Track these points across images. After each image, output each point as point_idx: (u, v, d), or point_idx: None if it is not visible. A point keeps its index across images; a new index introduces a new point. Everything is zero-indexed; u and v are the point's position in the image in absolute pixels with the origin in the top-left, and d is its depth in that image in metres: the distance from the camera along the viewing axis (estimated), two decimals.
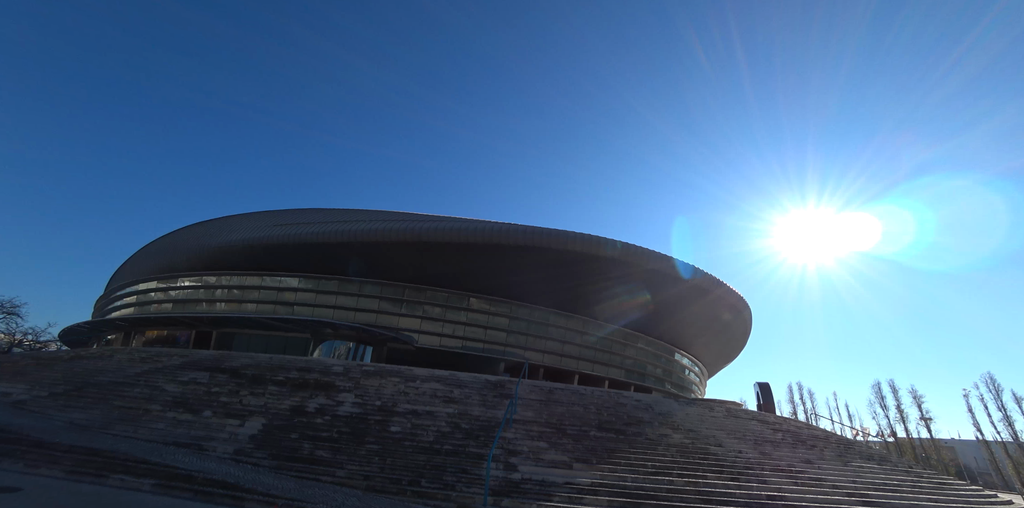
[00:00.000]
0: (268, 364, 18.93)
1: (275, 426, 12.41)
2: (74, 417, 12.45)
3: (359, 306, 32.51)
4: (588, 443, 12.98)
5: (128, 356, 20.39)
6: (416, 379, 17.67)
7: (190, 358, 19.95)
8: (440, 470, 10.32)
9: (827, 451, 15.85)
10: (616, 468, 11.40)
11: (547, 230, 28.17)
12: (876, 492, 12.12)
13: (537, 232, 28.01)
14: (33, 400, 13.99)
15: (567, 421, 14.73)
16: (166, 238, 39.87)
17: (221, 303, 34.53)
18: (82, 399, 14.13)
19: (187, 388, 15.42)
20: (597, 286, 33.24)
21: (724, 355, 48.86)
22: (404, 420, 13.38)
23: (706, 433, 15.60)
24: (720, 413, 19.56)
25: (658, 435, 14.56)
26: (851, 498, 11.30)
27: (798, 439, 17.17)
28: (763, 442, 15.69)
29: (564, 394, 18.15)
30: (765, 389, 35.41)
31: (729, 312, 37.44)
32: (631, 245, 29.23)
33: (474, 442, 12.13)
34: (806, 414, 60.45)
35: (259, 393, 15.15)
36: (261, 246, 31.62)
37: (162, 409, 13.42)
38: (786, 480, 11.97)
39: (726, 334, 42.71)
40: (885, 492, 12.28)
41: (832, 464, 14.24)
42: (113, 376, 16.86)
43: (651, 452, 12.92)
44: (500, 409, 15.12)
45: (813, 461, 14.19)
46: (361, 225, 28.85)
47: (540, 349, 34.49)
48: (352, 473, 9.86)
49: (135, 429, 11.84)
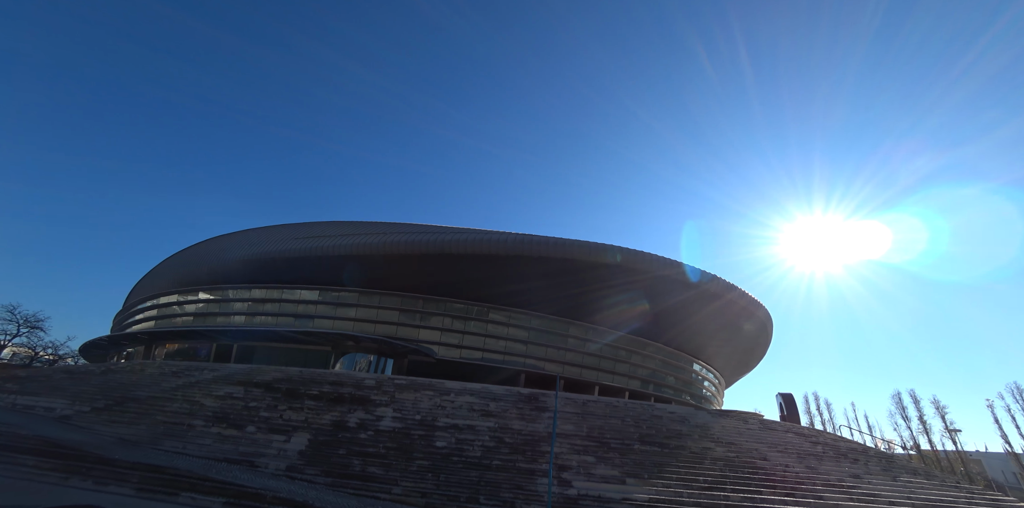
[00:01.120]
0: (300, 378, 18.94)
1: (320, 441, 12.38)
2: (121, 432, 12.50)
3: (379, 318, 32.56)
4: (634, 457, 12.82)
5: (159, 370, 20.50)
6: (450, 392, 17.60)
7: (221, 372, 20.01)
8: (495, 486, 10.23)
9: (871, 465, 15.52)
10: (669, 483, 11.24)
11: (572, 242, 28.27)
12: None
13: (562, 243, 28.10)
14: (77, 415, 14.07)
15: (608, 434, 14.58)
16: (186, 252, 40.35)
17: (240, 316, 34.72)
18: (125, 414, 14.19)
19: (225, 403, 15.45)
20: (615, 296, 33.13)
21: (743, 363, 48.20)
22: (447, 435, 13.30)
23: (748, 446, 15.36)
24: (755, 425, 19.26)
25: (701, 448, 14.36)
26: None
27: (839, 452, 16.84)
28: (806, 455, 15.41)
29: (598, 406, 17.98)
30: (789, 400, 34.84)
31: (748, 320, 37.08)
32: (656, 256, 29.25)
33: (522, 457, 12.03)
34: (823, 425, 59.18)
35: (297, 408, 15.14)
36: (282, 259, 31.91)
37: (205, 424, 13.44)
38: (841, 496, 11.74)
39: (745, 342, 42.18)
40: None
41: (881, 479, 13.94)
42: (150, 390, 16.94)
43: (699, 466, 12.73)
44: (539, 423, 15.00)
45: (861, 476, 13.91)
46: (383, 237, 29.10)
47: (559, 360, 34.25)
48: (408, 490, 9.80)
49: (183, 444, 11.86)
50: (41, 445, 10.31)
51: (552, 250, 27.98)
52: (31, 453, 9.76)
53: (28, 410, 14.76)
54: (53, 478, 8.61)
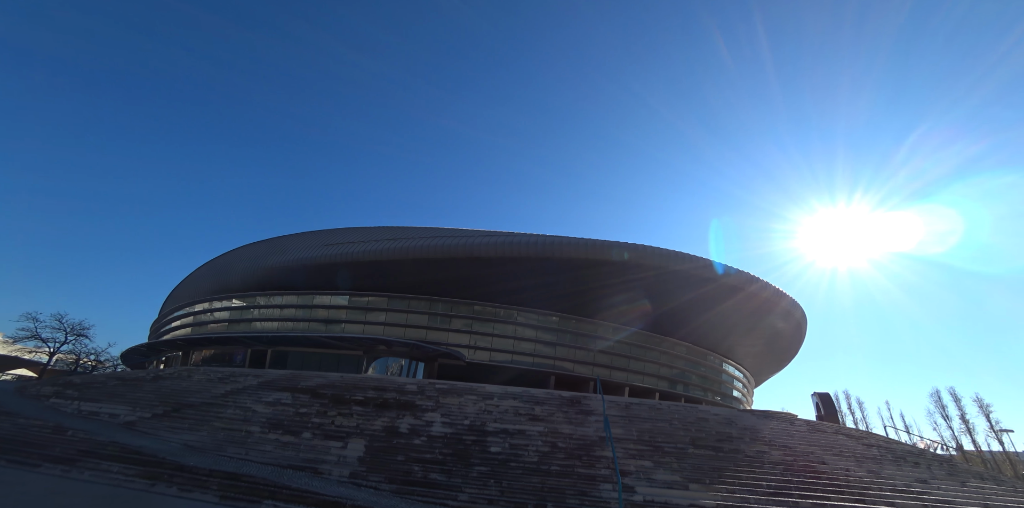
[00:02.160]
0: (342, 383, 19.23)
1: (376, 448, 12.53)
2: (186, 438, 12.87)
3: (408, 322, 32.88)
4: (691, 461, 12.62)
5: (206, 376, 21.06)
6: (492, 396, 17.63)
7: (264, 378, 20.46)
8: (560, 493, 10.19)
9: (934, 469, 14.96)
10: (733, 488, 11.02)
11: (600, 242, 28.04)
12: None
13: (591, 245, 27.89)
14: (140, 421, 14.55)
15: (659, 438, 14.39)
16: (217, 261, 41.46)
17: (273, 322, 35.48)
18: (184, 420, 14.61)
19: (276, 409, 15.77)
20: (642, 296, 32.74)
21: (775, 361, 47.07)
22: (499, 440, 13.32)
23: (802, 449, 14.97)
24: (802, 427, 18.77)
25: (756, 452, 14.05)
26: None
27: (896, 455, 16.27)
28: (864, 459, 14.93)
29: (641, 409, 17.78)
30: (826, 400, 33.85)
31: (776, 313, 36.10)
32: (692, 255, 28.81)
33: (579, 462, 11.95)
34: (856, 424, 57.32)
35: (346, 413, 15.36)
36: (312, 265, 32.49)
37: (262, 430, 13.73)
38: (914, 503, 11.32)
39: (777, 338, 41.14)
40: None
41: (948, 484, 13.42)
42: (201, 397, 17.41)
43: (758, 470, 12.45)
44: (587, 426, 14.90)
45: (928, 481, 13.40)
46: (411, 242, 29.39)
47: (589, 362, 34.03)
48: (474, 497, 9.83)
49: (246, 451, 12.13)
50: (119, 451, 10.69)
51: (580, 252, 27.83)
52: (113, 459, 10.12)
53: (94, 416, 15.34)
54: (140, 484, 8.91)
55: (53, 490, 7.70)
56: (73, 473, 9.52)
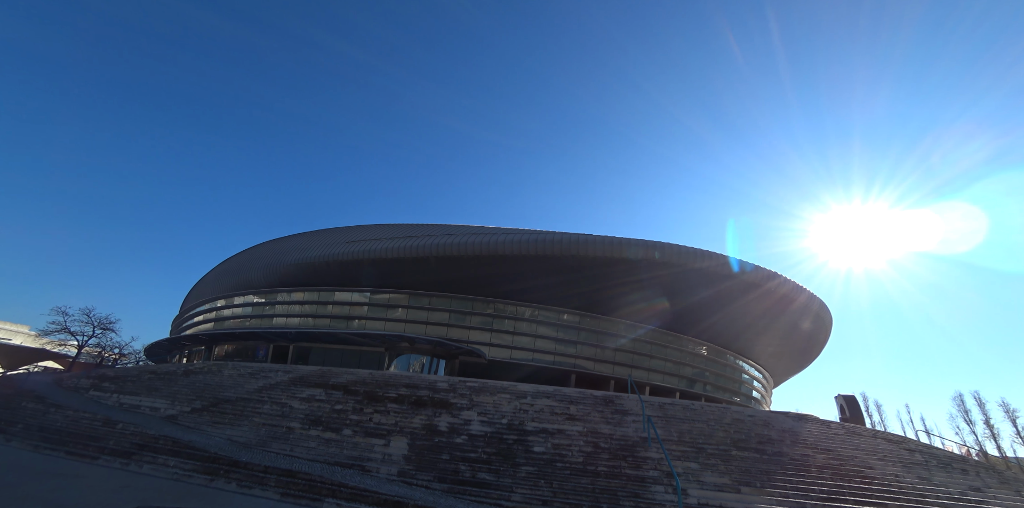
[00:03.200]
0: (372, 380, 19.29)
1: (419, 446, 12.51)
2: (229, 434, 12.97)
3: (429, 320, 32.95)
4: (738, 464, 12.40)
5: (236, 371, 21.28)
6: (526, 395, 17.55)
7: (294, 374, 20.61)
8: (612, 494, 10.06)
9: (984, 477, 14.54)
10: (786, 492, 10.79)
11: (628, 240, 27.75)
12: None
13: (618, 243, 27.61)
14: (181, 415, 14.72)
15: (700, 439, 14.18)
16: (239, 257, 41.94)
17: (295, 318, 35.81)
18: (224, 415, 14.74)
19: (312, 405, 15.85)
20: (662, 294, 32.41)
21: (796, 361, 46.36)
22: (540, 439, 13.22)
23: (846, 453, 14.65)
24: (839, 430, 18.39)
25: (800, 455, 13.77)
26: None
27: (940, 462, 15.85)
28: (911, 465, 14.57)
29: (675, 409, 17.57)
30: (852, 402, 33.21)
31: (794, 310, 35.44)
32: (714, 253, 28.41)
33: (625, 463, 11.81)
34: (874, 427, 56.34)
35: (382, 411, 15.38)
36: (335, 262, 32.68)
37: (302, 427, 13.80)
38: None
39: (797, 335, 40.42)
40: None
41: (1004, 492, 13.02)
42: (235, 392, 17.58)
43: (807, 475, 12.19)
44: (625, 427, 14.74)
45: (982, 489, 13.03)
46: (437, 239, 29.37)
47: (609, 360, 33.84)
48: (528, 498, 9.74)
49: (290, 447, 12.18)
50: (171, 445, 10.79)
51: (603, 250, 27.57)
52: (168, 453, 10.22)
53: (135, 409, 15.56)
54: (199, 479, 8.96)
55: (125, 484, 7.76)
56: (132, 466, 9.62)
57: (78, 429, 12.03)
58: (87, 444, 10.76)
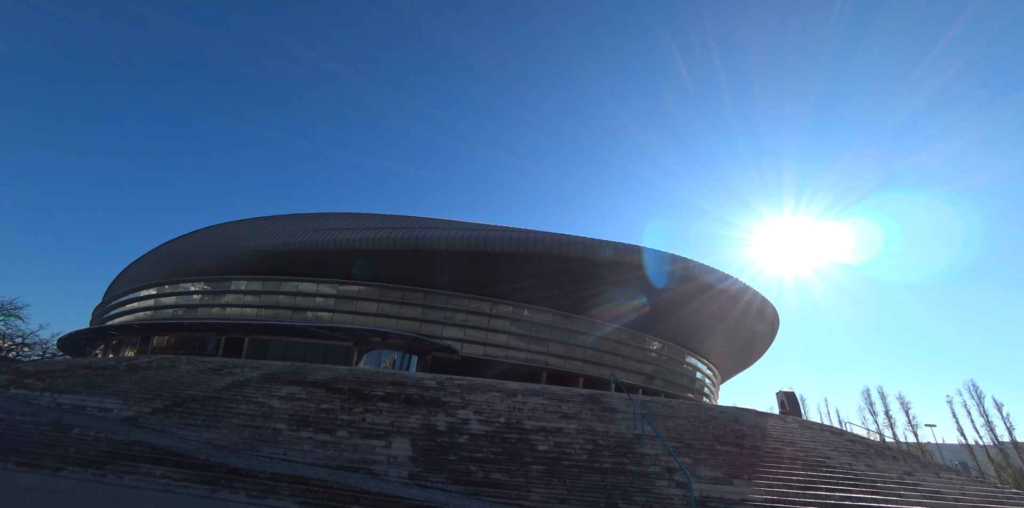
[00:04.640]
0: (355, 378, 18.40)
1: (423, 447, 12.16)
2: (208, 437, 11.79)
3: (400, 314, 31.95)
4: (724, 458, 13.34)
5: (194, 367, 19.37)
6: (516, 393, 17.61)
7: (265, 370, 19.14)
8: (623, 490, 10.43)
9: (911, 463, 16.82)
10: (771, 483, 11.79)
11: (611, 243, 28.52)
12: (988, 504, 13.04)
13: (592, 244, 28.28)
14: (142, 417, 13.15)
15: (686, 435, 15.06)
16: (185, 239, 37.96)
17: (250, 308, 33.15)
18: (195, 416, 13.38)
19: (294, 405, 14.84)
20: (624, 293, 33.85)
21: (743, 359, 50.27)
22: (542, 438, 13.36)
23: (807, 445, 16.26)
24: (794, 425, 20.34)
25: (772, 448, 15.09)
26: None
27: (875, 450, 18.09)
28: (857, 454, 16.48)
29: (657, 407, 18.49)
30: (791, 398, 36.60)
31: (751, 315, 38.46)
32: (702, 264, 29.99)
33: (626, 460, 12.27)
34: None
35: (373, 410, 14.76)
36: (302, 251, 30.62)
37: (290, 428, 12.89)
38: (914, 494, 12.70)
39: (743, 336, 43.84)
40: (994, 504, 13.22)
41: (927, 475, 15.14)
42: (201, 390, 16.03)
43: (783, 466, 13.40)
44: (617, 424, 15.30)
45: (913, 473, 15.06)
46: (416, 232, 28.43)
47: (579, 358, 34.81)
48: (546, 497, 9.83)
49: (283, 451, 11.34)
50: (149, 452, 9.61)
51: (580, 250, 28.23)
52: (149, 462, 9.09)
53: (80, 411, 13.66)
54: (198, 490, 8.08)
55: (118, 499, 6.79)
56: (109, 477, 8.46)
57: (22, 436, 10.34)
58: (41, 454, 9.28)
